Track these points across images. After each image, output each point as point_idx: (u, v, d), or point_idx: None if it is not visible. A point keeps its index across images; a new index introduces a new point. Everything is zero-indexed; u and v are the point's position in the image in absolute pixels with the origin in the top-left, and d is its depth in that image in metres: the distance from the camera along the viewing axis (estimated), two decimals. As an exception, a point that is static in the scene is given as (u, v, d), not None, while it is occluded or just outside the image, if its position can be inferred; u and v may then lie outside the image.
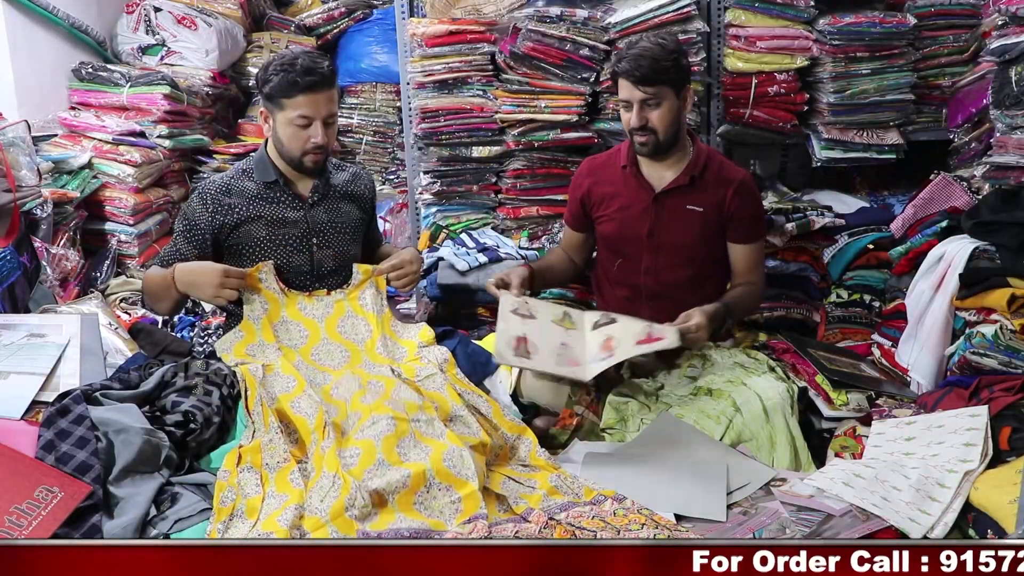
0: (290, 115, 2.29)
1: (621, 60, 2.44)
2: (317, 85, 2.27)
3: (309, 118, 2.29)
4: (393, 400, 1.95)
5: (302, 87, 2.26)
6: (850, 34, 3.11)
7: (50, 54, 3.53)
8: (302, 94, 2.27)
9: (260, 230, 2.37)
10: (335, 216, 2.45)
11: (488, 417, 2.03)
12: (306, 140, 2.32)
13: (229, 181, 2.42)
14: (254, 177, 2.41)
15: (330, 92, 2.32)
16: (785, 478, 1.98)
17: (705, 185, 2.52)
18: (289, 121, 2.30)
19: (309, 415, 1.97)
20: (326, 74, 2.30)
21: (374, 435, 1.83)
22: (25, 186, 2.91)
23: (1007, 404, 1.97)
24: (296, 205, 2.41)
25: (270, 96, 2.31)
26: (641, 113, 2.43)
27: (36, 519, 1.62)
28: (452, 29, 3.25)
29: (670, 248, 2.53)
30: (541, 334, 2.23)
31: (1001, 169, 2.63)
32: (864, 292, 3.02)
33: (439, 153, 3.34)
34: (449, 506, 1.75)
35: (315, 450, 1.89)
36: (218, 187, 2.40)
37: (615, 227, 2.58)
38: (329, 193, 2.46)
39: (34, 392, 2.02)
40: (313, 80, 2.26)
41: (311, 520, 1.69)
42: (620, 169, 2.56)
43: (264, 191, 2.40)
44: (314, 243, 2.40)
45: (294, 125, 2.30)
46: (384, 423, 1.86)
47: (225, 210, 2.36)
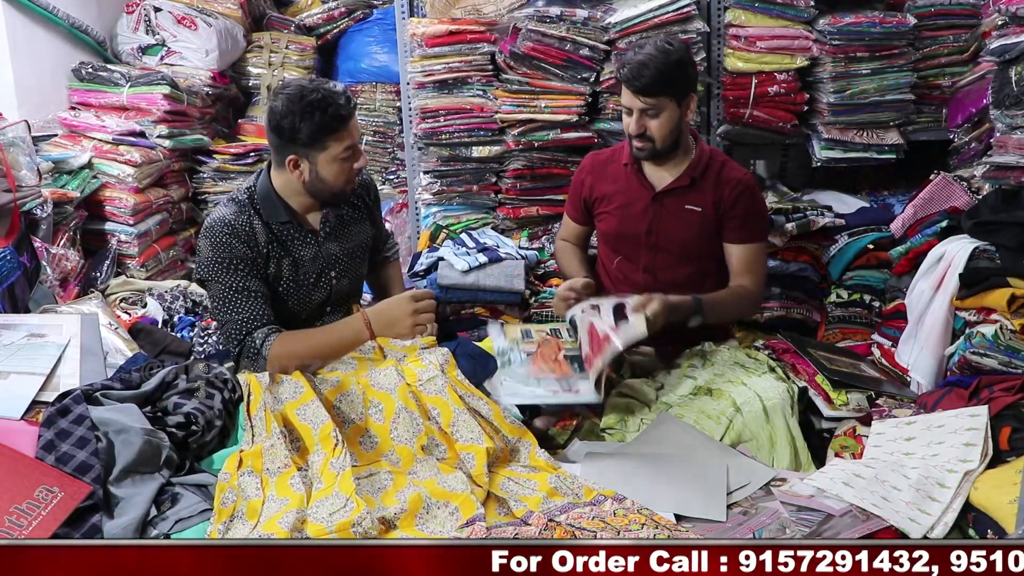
0: (336, 152, 2.20)
1: (624, 66, 2.40)
2: (350, 111, 2.20)
3: (354, 147, 2.22)
4: (388, 456, 1.93)
5: (344, 118, 2.18)
6: (850, 34, 3.12)
7: (50, 54, 3.53)
8: (343, 126, 2.18)
9: (282, 273, 2.28)
10: (346, 242, 2.40)
11: (488, 420, 2.03)
12: (352, 169, 2.25)
13: (235, 223, 2.22)
14: (263, 218, 2.27)
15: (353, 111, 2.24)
16: (785, 478, 1.98)
17: (705, 185, 2.52)
18: (334, 158, 2.20)
19: (314, 424, 1.96)
20: (348, 95, 2.21)
21: (371, 491, 1.81)
22: (25, 186, 2.91)
23: (1007, 404, 1.97)
24: (309, 241, 2.32)
25: (309, 143, 2.18)
26: (640, 121, 2.41)
27: (36, 519, 1.62)
28: (452, 29, 3.26)
29: (668, 247, 2.53)
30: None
31: (1001, 169, 2.63)
32: (864, 292, 3.02)
33: (439, 153, 3.34)
34: (448, 518, 1.76)
35: (322, 464, 1.86)
36: (230, 229, 2.22)
37: (615, 224, 2.58)
38: (338, 220, 2.39)
39: (34, 392, 2.02)
40: (347, 109, 2.18)
41: (315, 527, 1.69)
42: (622, 167, 2.56)
43: (278, 232, 2.28)
44: (332, 276, 2.36)
45: (340, 160, 2.21)
46: (382, 476, 1.86)
47: (246, 252, 2.23)
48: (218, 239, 2.21)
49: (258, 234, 2.24)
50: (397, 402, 2.00)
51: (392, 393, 2.02)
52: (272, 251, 2.26)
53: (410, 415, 1.98)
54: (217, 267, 2.21)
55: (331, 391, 2.03)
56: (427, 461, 1.91)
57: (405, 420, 1.97)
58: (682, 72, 2.42)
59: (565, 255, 2.75)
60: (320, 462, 1.87)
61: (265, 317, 2.22)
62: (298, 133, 2.16)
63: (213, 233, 2.22)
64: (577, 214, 2.71)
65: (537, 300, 3.10)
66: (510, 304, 3.05)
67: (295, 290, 2.32)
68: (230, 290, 2.21)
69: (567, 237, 2.77)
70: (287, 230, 2.29)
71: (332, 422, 1.93)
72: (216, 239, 2.21)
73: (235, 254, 2.20)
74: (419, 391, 2.07)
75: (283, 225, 2.28)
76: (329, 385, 2.05)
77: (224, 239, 2.20)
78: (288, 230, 2.29)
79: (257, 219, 2.25)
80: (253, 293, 2.21)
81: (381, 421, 1.99)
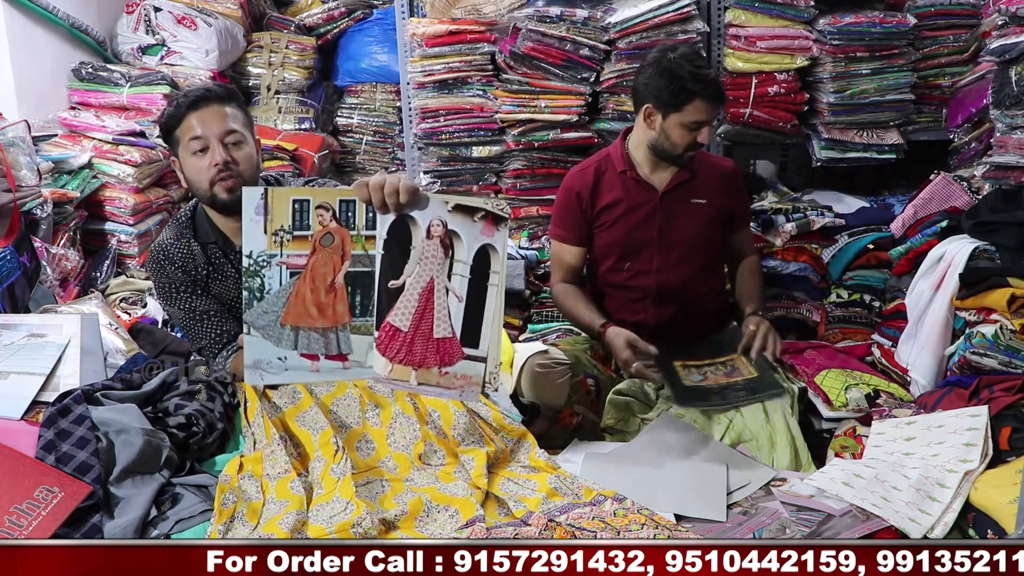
0: (184, 144, 2.06)
1: (699, 82, 2.37)
2: (198, 99, 2.05)
3: (203, 139, 2.04)
4: (385, 463, 1.91)
5: (191, 104, 2.04)
6: (850, 34, 3.12)
7: (50, 54, 3.53)
8: (188, 112, 2.05)
9: (226, 292, 2.15)
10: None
11: (488, 421, 2.03)
12: (209, 167, 2.04)
13: (171, 248, 2.13)
14: (199, 238, 2.14)
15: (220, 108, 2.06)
16: (785, 478, 1.98)
17: (702, 177, 2.54)
18: (188, 152, 2.06)
19: (314, 430, 1.96)
20: (217, 86, 2.12)
21: (369, 496, 1.81)
22: (25, 186, 2.91)
23: (1007, 404, 1.97)
24: (236, 260, 2.12)
25: (167, 138, 2.09)
26: (707, 132, 2.44)
27: (36, 519, 1.62)
28: (452, 29, 3.26)
29: (680, 244, 2.53)
30: None
31: (1001, 169, 2.63)
32: (864, 292, 3.02)
33: (439, 153, 3.34)
34: (448, 520, 1.76)
35: (322, 470, 1.86)
36: (165, 255, 2.12)
37: (621, 232, 2.53)
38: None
39: (34, 392, 2.02)
40: (199, 95, 2.05)
41: (315, 528, 1.69)
42: (618, 175, 2.53)
43: (210, 252, 2.14)
44: None
45: (191, 155, 2.06)
46: (380, 484, 1.85)
47: (183, 277, 2.12)
48: (155, 267, 2.14)
49: (196, 255, 2.13)
50: (394, 406, 1.99)
51: (389, 396, 2.02)
52: (212, 270, 2.14)
53: (407, 420, 1.97)
54: (163, 294, 2.16)
55: (327, 396, 2.02)
56: (425, 470, 1.90)
57: (402, 425, 1.96)
58: None
59: (569, 299, 2.56)
60: (320, 468, 1.86)
61: (225, 335, 2.12)
62: (167, 131, 2.09)
63: (152, 260, 2.16)
64: (575, 234, 2.57)
65: (537, 300, 3.10)
66: (510, 304, 3.05)
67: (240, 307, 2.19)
68: (183, 314, 2.14)
69: (566, 276, 2.60)
70: (222, 248, 2.15)
71: (332, 428, 1.92)
72: (154, 267, 2.15)
73: (173, 280, 2.12)
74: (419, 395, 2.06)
75: (211, 245, 2.14)
76: (325, 389, 2.04)
77: (161, 265, 2.13)
78: (223, 248, 2.14)
79: (195, 240, 2.14)
80: (204, 314, 2.12)
81: (378, 426, 1.98)
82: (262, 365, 1.72)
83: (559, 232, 2.60)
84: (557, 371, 2.30)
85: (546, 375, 2.28)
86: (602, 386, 2.38)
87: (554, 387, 2.29)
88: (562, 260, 2.61)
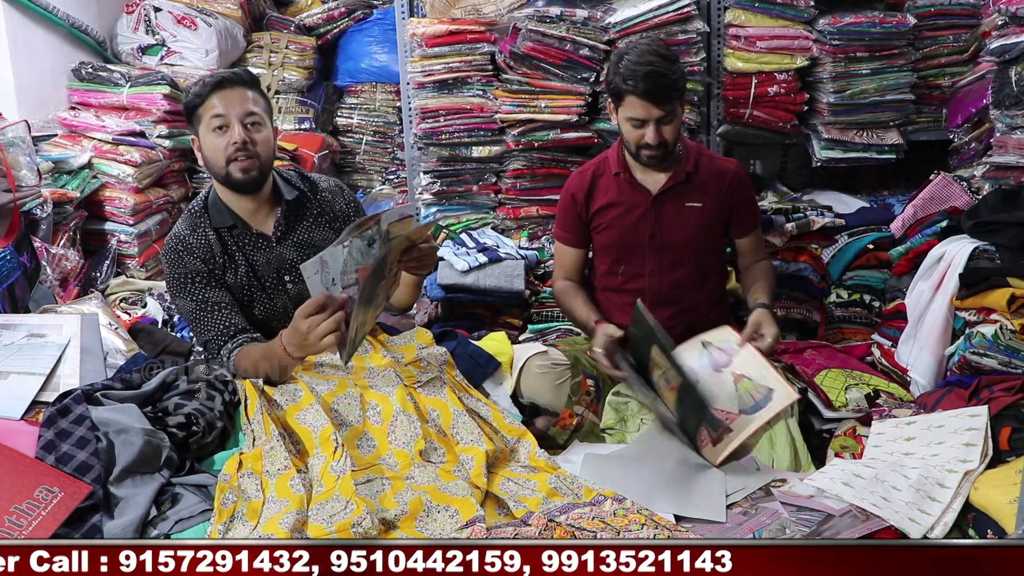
0: (206, 121, 2.16)
1: (629, 79, 2.34)
2: (224, 80, 2.15)
3: (224, 117, 2.13)
4: (385, 460, 1.92)
5: (216, 84, 2.15)
6: (850, 34, 3.12)
7: (50, 54, 3.53)
8: (213, 92, 2.14)
9: (240, 280, 2.20)
10: (305, 247, 2.23)
11: (488, 420, 2.03)
12: (227, 146, 2.13)
13: (188, 238, 2.19)
14: (215, 225, 2.20)
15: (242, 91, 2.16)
16: (785, 478, 1.98)
17: (700, 180, 2.52)
18: (208, 129, 2.16)
19: (314, 428, 1.96)
20: (237, 71, 2.19)
21: (369, 495, 1.81)
22: (25, 186, 2.91)
23: (1007, 404, 1.97)
24: (261, 245, 2.21)
25: (190, 118, 2.20)
26: (658, 130, 2.38)
27: (36, 519, 1.62)
28: (452, 29, 3.26)
29: (673, 247, 2.52)
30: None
31: (1001, 169, 2.63)
32: (864, 292, 3.02)
33: (439, 153, 3.34)
34: (448, 520, 1.76)
35: (322, 468, 1.86)
36: (183, 245, 2.18)
37: (615, 234, 2.54)
38: (292, 224, 2.25)
39: (34, 392, 2.02)
40: (223, 77, 2.15)
41: (315, 527, 1.69)
42: (613, 177, 2.53)
43: (228, 238, 2.20)
44: (287, 281, 2.23)
45: (212, 131, 2.15)
46: (380, 482, 1.85)
47: (201, 266, 2.17)
48: (172, 256, 2.18)
49: (212, 244, 2.18)
50: (395, 404, 2.00)
51: (390, 395, 2.02)
52: (228, 259, 2.20)
53: (408, 418, 1.97)
54: (177, 284, 2.18)
55: (328, 393, 2.02)
56: (425, 468, 1.90)
57: (403, 423, 1.96)
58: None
59: (568, 297, 2.59)
60: (320, 465, 1.87)
61: (233, 328, 2.15)
62: (190, 109, 2.17)
63: (168, 251, 2.20)
64: (574, 235, 2.60)
65: (537, 300, 3.10)
66: (510, 304, 3.05)
67: (258, 295, 2.23)
68: (195, 305, 2.17)
69: (567, 275, 2.63)
70: (236, 235, 2.21)
71: (332, 425, 1.92)
72: (171, 257, 2.18)
73: (191, 269, 2.16)
74: (417, 392, 2.06)
75: (231, 230, 2.20)
76: (326, 387, 2.04)
77: (178, 256, 2.17)
78: (237, 235, 2.21)
79: (210, 228, 2.20)
80: (216, 305, 2.16)
81: (379, 424, 1.98)
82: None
83: (560, 233, 2.65)
84: (557, 371, 2.30)
85: (546, 375, 2.28)
86: (602, 386, 2.38)
87: (554, 387, 2.29)
88: (563, 260, 2.65)
